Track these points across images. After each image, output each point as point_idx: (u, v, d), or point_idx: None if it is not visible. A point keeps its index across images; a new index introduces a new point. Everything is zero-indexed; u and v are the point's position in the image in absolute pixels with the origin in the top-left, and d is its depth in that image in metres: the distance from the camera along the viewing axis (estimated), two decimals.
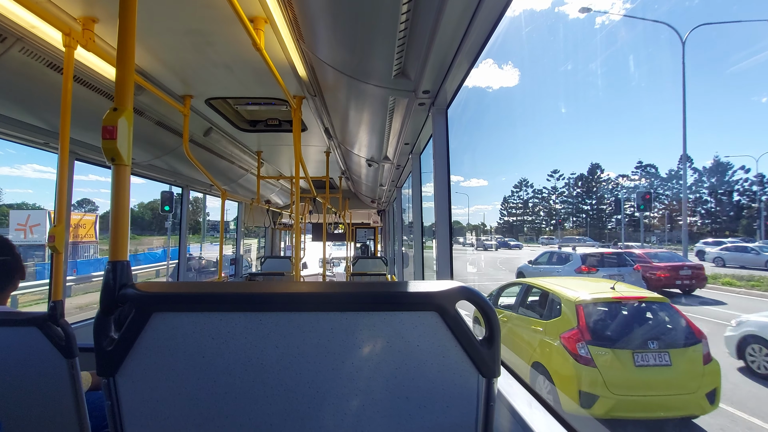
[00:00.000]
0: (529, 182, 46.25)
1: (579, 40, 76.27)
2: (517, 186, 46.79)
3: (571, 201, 37.22)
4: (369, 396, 0.69)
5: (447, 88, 1.82)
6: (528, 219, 42.82)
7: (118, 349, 0.68)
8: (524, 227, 41.64)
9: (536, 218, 41.58)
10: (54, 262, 2.12)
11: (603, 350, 3.67)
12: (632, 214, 27.18)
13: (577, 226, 34.62)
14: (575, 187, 37.71)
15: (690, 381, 3.49)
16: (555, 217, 39.06)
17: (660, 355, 3.54)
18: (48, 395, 1.23)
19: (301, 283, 0.83)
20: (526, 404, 1.18)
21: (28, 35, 1.70)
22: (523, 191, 45.73)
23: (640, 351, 3.59)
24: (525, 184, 45.76)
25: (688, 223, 22.36)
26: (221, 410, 0.70)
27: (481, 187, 78.53)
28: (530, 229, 41.11)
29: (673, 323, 3.88)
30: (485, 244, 31.00)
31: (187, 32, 1.82)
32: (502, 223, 45.11)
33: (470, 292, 0.68)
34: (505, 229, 43.24)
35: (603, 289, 4.31)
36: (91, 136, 2.55)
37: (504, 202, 46.34)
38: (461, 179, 72.42)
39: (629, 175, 31.03)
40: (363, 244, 13.33)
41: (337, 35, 1.68)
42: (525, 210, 43.55)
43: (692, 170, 27.54)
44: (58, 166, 1.69)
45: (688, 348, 3.63)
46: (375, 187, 5.89)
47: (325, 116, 2.93)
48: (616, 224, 29.41)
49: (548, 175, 41.91)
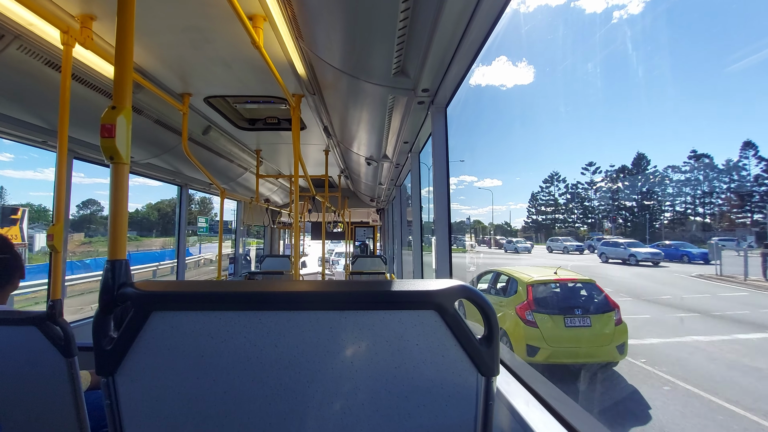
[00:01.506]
0: (560, 176, 39.28)
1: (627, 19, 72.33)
2: (546, 181, 39.76)
3: (612, 196, 32.14)
4: (368, 395, 0.69)
5: (446, 87, 1.82)
6: (560, 217, 36.89)
7: (117, 348, 0.68)
8: (555, 226, 36.36)
9: (568, 216, 35.90)
10: (53, 260, 2.12)
11: (543, 316, 5.13)
12: (685, 211, 23.58)
13: (618, 224, 30.84)
14: (616, 181, 32.28)
15: (605, 336, 4.95)
16: (592, 214, 33.96)
17: (583, 319, 5.00)
18: (47, 394, 1.23)
19: (300, 282, 0.82)
20: (525, 403, 1.18)
21: (26, 33, 1.69)
22: (553, 186, 39.08)
23: (570, 316, 5.03)
24: (556, 179, 38.99)
25: (755, 221, 19.29)
26: (220, 409, 0.69)
27: (495, 187, 77.78)
28: (563, 228, 35.84)
29: (595, 297, 5.45)
30: (504, 245, 28.56)
31: (186, 30, 1.82)
32: (530, 222, 38.65)
33: (469, 291, 0.68)
34: (533, 228, 37.70)
35: (548, 273, 5.88)
36: (90, 134, 2.54)
37: (532, 199, 39.42)
38: (475, 179, 71.58)
39: (680, 167, 26.37)
40: (362, 242, 13.33)
41: (336, 33, 1.67)
42: (557, 208, 37.48)
43: (757, 159, 21.48)
44: (57, 165, 1.68)
45: (605, 314, 5.11)
46: (374, 185, 5.89)
47: (324, 114, 2.93)
48: (672, 222, 25.05)
49: (583, 168, 35.28)
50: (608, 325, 5.00)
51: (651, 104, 57.70)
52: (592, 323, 4.99)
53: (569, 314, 5.05)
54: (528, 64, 79.47)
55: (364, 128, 3.00)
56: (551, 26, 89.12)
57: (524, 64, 74.45)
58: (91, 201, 49.11)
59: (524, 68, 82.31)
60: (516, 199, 72.96)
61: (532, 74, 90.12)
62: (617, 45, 59.01)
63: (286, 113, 3.35)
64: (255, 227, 8.51)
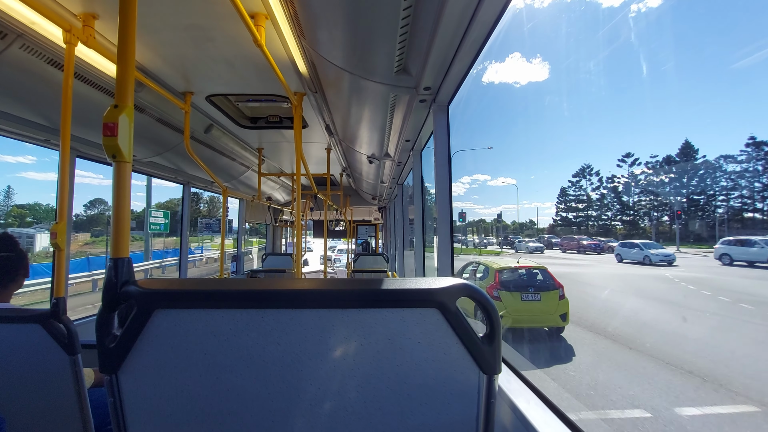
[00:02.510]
0: (592, 169, 34.38)
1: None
2: (577, 174, 34.81)
3: (656, 191, 27.08)
4: (370, 393, 0.70)
5: (448, 85, 1.81)
6: (593, 214, 32.12)
7: (121, 345, 0.68)
8: (588, 224, 32.03)
9: (602, 213, 31.38)
10: (56, 258, 2.13)
11: (506, 293, 6.87)
12: (742, 207, 19.92)
13: (661, 222, 26.04)
14: (659, 173, 27.63)
15: (551, 308, 6.62)
16: (630, 211, 29.25)
17: (535, 295, 6.70)
18: (51, 392, 1.24)
19: (303, 280, 0.82)
20: (526, 401, 1.18)
21: (28, 32, 1.70)
22: (585, 181, 34.02)
23: (525, 293, 6.76)
24: (588, 172, 33.90)
25: None
26: (223, 407, 0.70)
27: (510, 185, 76.27)
28: (597, 226, 31.43)
29: (545, 279, 7.05)
30: (529, 246, 24.81)
31: (188, 28, 1.82)
32: (559, 220, 34.00)
33: (471, 289, 0.68)
34: (563, 227, 33.43)
35: (512, 262, 7.60)
36: (92, 133, 2.55)
37: (561, 194, 34.61)
38: (488, 178, 70.52)
39: (735, 156, 22.73)
40: (364, 240, 13.33)
41: (338, 31, 1.67)
42: (589, 204, 32.74)
43: None
44: (60, 163, 1.69)
45: (551, 291, 6.77)
46: (376, 184, 5.88)
47: (326, 113, 2.92)
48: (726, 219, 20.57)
49: (619, 161, 30.89)
50: (554, 300, 6.73)
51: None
52: (541, 298, 6.72)
53: (525, 291, 6.83)
54: (543, 60, 77.82)
55: (365, 126, 2.99)
56: (566, 18, 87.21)
57: (539, 60, 72.91)
58: (99, 200, 48.96)
59: (538, 64, 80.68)
60: (530, 198, 71.03)
61: (547, 70, 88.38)
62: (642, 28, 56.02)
63: (288, 111, 3.35)
64: (258, 226, 8.53)
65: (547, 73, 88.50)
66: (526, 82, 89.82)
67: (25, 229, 29.79)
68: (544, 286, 6.87)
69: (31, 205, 46.06)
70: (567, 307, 6.64)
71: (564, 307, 6.63)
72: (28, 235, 24.34)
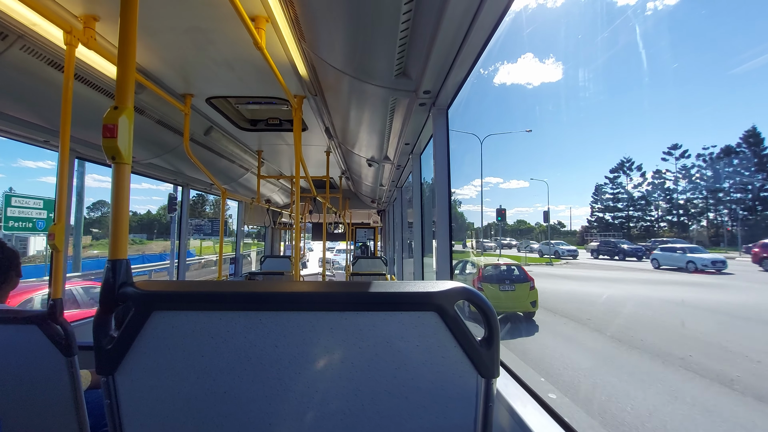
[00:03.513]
0: (633, 163, 29.82)
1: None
2: (615, 170, 30.41)
3: (712, 187, 22.00)
4: (368, 396, 0.69)
5: (448, 89, 1.82)
6: (634, 215, 27.86)
7: (118, 347, 0.68)
8: (629, 225, 27.85)
9: (645, 214, 27.05)
10: (54, 260, 2.12)
11: (487, 284, 8.39)
12: None
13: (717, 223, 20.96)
14: (715, 167, 22.77)
15: (523, 297, 7.97)
16: (679, 210, 24.10)
17: (510, 285, 8.13)
18: (47, 393, 1.23)
19: (301, 282, 0.82)
20: (524, 405, 1.18)
21: (29, 33, 1.70)
22: (624, 177, 29.87)
23: (502, 284, 8.14)
24: (628, 167, 30.04)
25: None
26: (220, 409, 0.69)
27: (521, 188, 75.36)
28: (640, 228, 27.18)
29: (520, 273, 8.38)
30: (559, 250, 22.49)
31: (188, 30, 1.82)
32: (594, 221, 29.65)
33: (470, 293, 0.68)
34: (598, 228, 29.46)
35: (494, 260, 9.56)
36: (92, 134, 2.55)
37: (596, 192, 29.93)
38: (501, 180, 69.59)
39: None
40: (363, 244, 13.32)
41: (338, 34, 1.68)
42: (631, 203, 28.32)
43: None
44: (59, 165, 1.69)
45: (524, 283, 8.15)
46: (375, 187, 5.89)
47: (325, 116, 2.93)
48: None
49: (664, 153, 26.02)
50: (525, 290, 8.20)
51: None
52: (515, 288, 8.21)
53: (502, 283, 8.29)
54: (551, 60, 76.74)
55: (365, 129, 3.00)
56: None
57: (551, 61, 71.81)
58: (102, 202, 48.55)
59: (550, 65, 79.38)
60: (543, 201, 69.87)
61: (556, 70, 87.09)
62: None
63: (287, 114, 3.35)
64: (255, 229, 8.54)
65: (558, 74, 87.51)
66: (538, 83, 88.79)
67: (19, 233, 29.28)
68: (518, 279, 8.42)
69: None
70: (536, 296, 8.34)
71: (534, 295, 8.30)
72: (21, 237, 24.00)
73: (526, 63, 78.63)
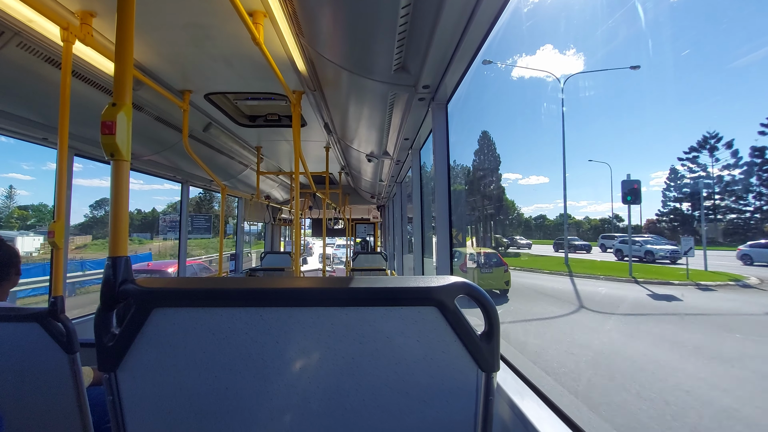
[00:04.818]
0: (721, 138, 10.03)
1: None
2: (694, 149, 10.89)
3: None
4: (369, 391, 0.70)
5: (447, 83, 1.81)
6: (722, 206, 9.92)
7: (119, 344, 0.68)
8: (715, 218, 10.88)
9: (739, 204, 9.51)
10: (54, 257, 2.13)
11: (469, 268, 9.48)
12: None
13: None
14: None
15: (499, 277, 8.90)
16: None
17: (488, 269, 9.16)
18: (49, 391, 1.24)
19: (301, 278, 0.82)
20: (525, 398, 1.19)
21: (26, 30, 1.69)
22: (709, 158, 10.83)
23: (482, 268, 9.24)
24: (714, 143, 10.34)
25: None
26: (222, 405, 0.70)
27: (541, 184, 73.33)
28: (728, 222, 9.59)
29: (496, 260, 9.45)
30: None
31: (186, 26, 1.81)
32: (666, 212, 11.88)
33: (470, 287, 0.68)
34: (671, 223, 11.17)
35: (476, 249, 11.11)
36: (91, 131, 2.54)
37: (672, 178, 11.81)
38: (519, 176, 67.92)
39: None
40: (363, 239, 13.34)
41: (336, 30, 1.67)
42: (722, 191, 10.93)
43: None
44: (57, 162, 1.68)
45: (500, 267, 9.13)
46: (375, 182, 5.88)
47: (324, 111, 2.92)
48: None
49: (763, 126, 7.45)
50: (500, 272, 9.28)
51: None
52: (492, 271, 9.30)
53: (482, 267, 9.50)
54: (577, 51, 74.25)
55: (364, 125, 2.99)
56: None
57: (572, 52, 68.59)
58: (105, 200, 48.25)
59: (572, 55, 77.06)
60: (561, 197, 68.44)
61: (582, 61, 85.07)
62: None
63: (286, 110, 3.34)
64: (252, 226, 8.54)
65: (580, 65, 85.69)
66: (543, 75, 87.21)
67: (8, 232, 28.23)
68: (494, 263, 9.79)
69: (36, 206, 45.24)
70: (509, 277, 9.61)
71: (507, 276, 9.56)
72: (8, 237, 23.41)
73: (545, 54, 77.03)
